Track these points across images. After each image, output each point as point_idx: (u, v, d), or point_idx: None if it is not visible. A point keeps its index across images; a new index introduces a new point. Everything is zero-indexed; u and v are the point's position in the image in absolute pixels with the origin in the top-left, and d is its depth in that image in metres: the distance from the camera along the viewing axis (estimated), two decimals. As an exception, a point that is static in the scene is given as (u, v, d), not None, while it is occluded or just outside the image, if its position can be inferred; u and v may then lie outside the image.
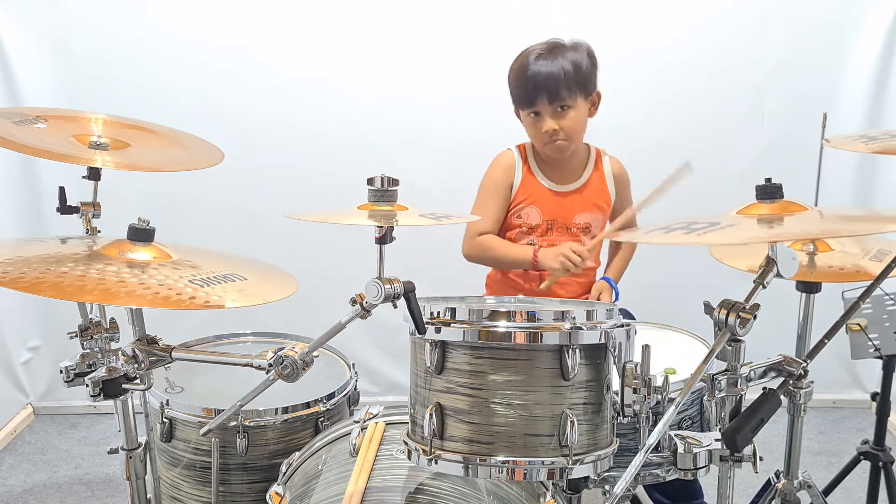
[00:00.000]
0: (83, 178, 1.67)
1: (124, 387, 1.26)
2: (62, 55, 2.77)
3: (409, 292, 1.16)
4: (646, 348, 1.20)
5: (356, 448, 1.39)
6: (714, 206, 1.34)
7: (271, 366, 1.22)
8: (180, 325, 2.36)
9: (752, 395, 1.26)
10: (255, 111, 2.84)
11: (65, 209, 1.69)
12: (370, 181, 1.23)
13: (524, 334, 1.14)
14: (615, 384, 1.21)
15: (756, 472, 1.26)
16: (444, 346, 1.17)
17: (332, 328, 1.22)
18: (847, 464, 2.03)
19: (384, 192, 1.23)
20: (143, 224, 1.29)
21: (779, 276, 1.24)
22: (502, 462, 1.14)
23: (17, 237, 2.65)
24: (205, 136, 1.81)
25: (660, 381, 1.20)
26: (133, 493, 1.42)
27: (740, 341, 1.23)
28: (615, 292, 2.13)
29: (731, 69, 2.84)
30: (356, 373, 1.87)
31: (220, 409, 1.41)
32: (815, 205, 1.70)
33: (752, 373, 1.29)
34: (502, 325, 1.15)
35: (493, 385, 1.15)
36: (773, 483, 1.79)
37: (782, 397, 1.28)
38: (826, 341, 1.32)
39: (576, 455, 1.15)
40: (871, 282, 1.35)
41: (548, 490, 1.38)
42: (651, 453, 1.17)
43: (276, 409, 1.66)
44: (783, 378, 1.36)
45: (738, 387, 1.25)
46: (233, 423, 1.61)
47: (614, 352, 1.19)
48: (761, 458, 1.24)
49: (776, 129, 2.89)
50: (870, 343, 1.85)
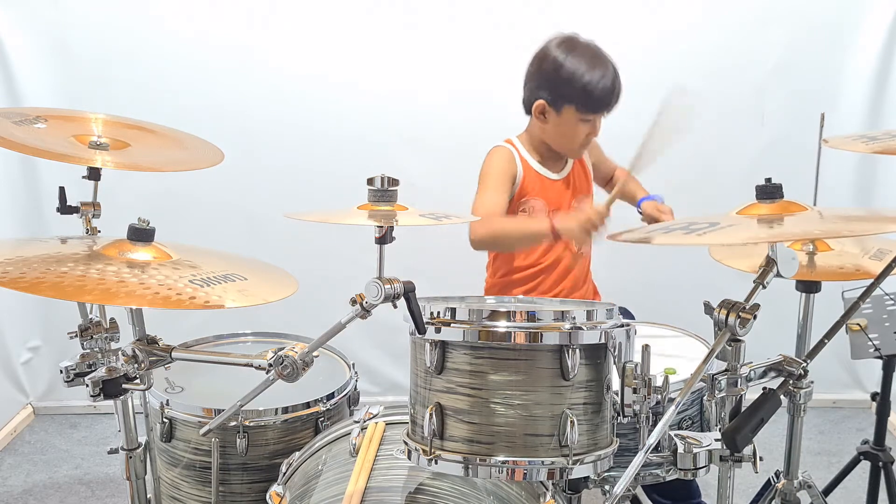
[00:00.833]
0: (83, 178, 1.67)
1: (124, 387, 1.26)
2: (62, 55, 2.77)
3: (409, 292, 1.16)
4: (646, 348, 1.20)
5: (356, 448, 1.39)
6: (714, 206, 1.34)
7: (271, 366, 1.22)
8: (180, 325, 2.36)
9: (752, 395, 1.26)
10: (255, 111, 2.84)
11: (65, 209, 1.69)
12: (370, 181, 1.23)
13: (524, 334, 1.14)
14: (615, 384, 1.21)
15: (756, 472, 1.26)
16: (444, 346, 1.17)
17: (332, 328, 1.22)
18: (847, 464, 2.03)
19: (384, 192, 1.23)
20: (143, 224, 1.29)
21: (779, 276, 1.24)
22: (502, 462, 1.14)
23: (17, 237, 2.66)
24: (205, 136, 1.81)
25: (660, 381, 1.20)
26: (133, 493, 1.42)
27: (740, 341, 1.23)
28: (657, 197, 2.11)
29: (731, 69, 2.84)
30: (356, 373, 1.87)
31: (220, 409, 1.41)
32: (815, 205, 1.70)
33: (752, 373, 1.29)
34: (502, 325, 1.15)
35: (493, 385, 1.15)
36: (773, 483, 1.79)
37: (782, 397, 1.28)
38: (826, 341, 1.32)
39: (576, 455, 1.15)
40: (871, 282, 1.35)
41: (548, 490, 1.38)
42: (651, 453, 1.17)
43: (276, 409, 1.66)
44: (783, 378, 1.36)
45: (738, 387, 1.25)
46: (233, 423, 1.61)
47: (614, 352, 1.19)
48: (761, 458, 1.24)
49: (776, 129, 2.89)
50: (870, 343, 1.85)
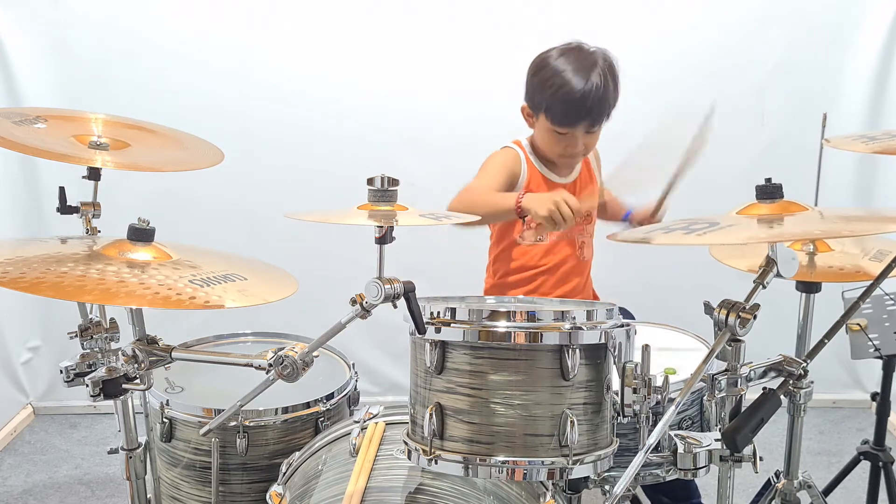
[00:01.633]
0: (83, 178, 1.67)
1: (124, 387, 1.26)
2: (62, 55, 2.77)
3: (409, 292, 1.16)
4: (646, 348, 1.20)
5: (356, 448, 1.39)
6: (714, 206, 1.34)
7: (271, 366, 1.22)
8: (180, 325, 2.36)
9: (752, 395, 1.26)
10: (255, 111, 2.84)
11: (65, 209, 1.69)
12: (370, 181, 1.23)
13: (524, 334, 1.14)
14: (615, 384, 1.21)
15: (756, 472, 1.26)
16: (444, 346, 1.17)
17: (332, 328, 1.22)
18: (847, 464, 2.03)
19: (384, 192, 1.23)
20: (143, 224, 1.29)
21: (779, 276, 1.24)
22: (502, 462, 1.14)
23: (17, 237, 2.66)
24: (205, 136, 1.81)
25: (660, 381, 1.20)
26: (133, 493, 1.42)
27: (740, 341, 1.23)
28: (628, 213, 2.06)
29: (731, 69, 2.84)
30: (356, 373, 1.87)
31: (220, 409, 1.41)
32: (815, 205, 1.70)
33: (752, 373, 1.29)
34: (502, 325, 1.15)
35: (493, 385, 1.15)
36: (773, 483, 1.79)
37: (782, 397, 1.28)
38: (826, 341, 1.32)
39: (576, 455, 1.15)
40: (871, 282, 1.35)
41: (548, 490, 1.38)
42: (651, 453, 1.17)
43: (276, 409, 1.66)
44: (783, 378, 1.36)
45: (738, 387, 1.25)
46: (233, 423, 1.61)
47: (614, 352, 1.19)
48: (761, 458, 1.24)
49: (776, 129, 2.89)
50: (870, 343, 1.85)
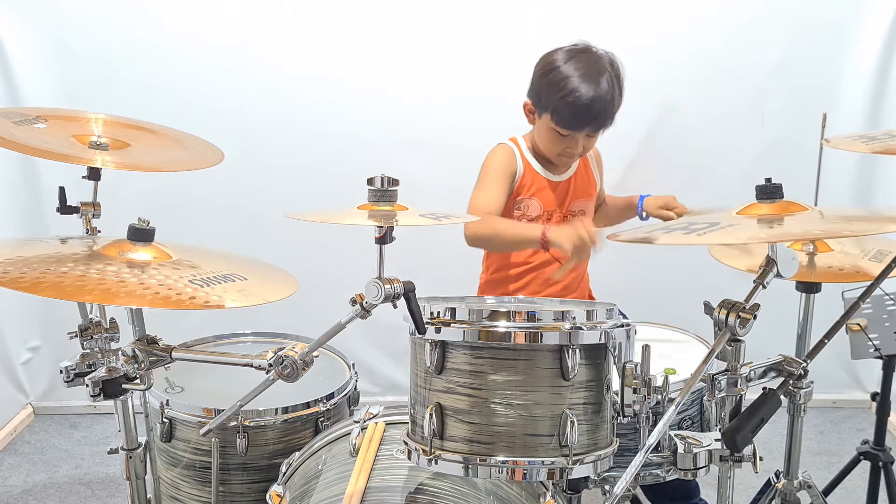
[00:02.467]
0: (83, 178, 1.67)
1: (124, 387, 1.26)
2: (62, 55, 2.77)
3: (409, 292, 1.16)
4: (646, 348, 1.20)
5: (356, 448, 1.39)
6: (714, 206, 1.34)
7: (271, 366, 1.22)
8: (180, 325, 2.36)
9: (752, 395, 1.25)
10: (255, 111, 2.84)
11: (65, 209, 1.69)
12: (370, 181, 1.23)
13: (524, 334, 1.14)
14: (615, 384, 1.21)
15: (756, 472, 1.26)
16: (444, 346, 1.17)
17: (332, 328, 1.22)
18: (847, 464, 2.03)
19: (384, 192, 1.23)
20: (143, 224, 1.29)
21: (779, 276, 1.24)
22: (502, 462, 1.14)
23: (17, 237, 2.66)
24: (205, 136, 1.81)
25: (660, 381, 1.20)
26: (133, 493, 1.42)
27: (740, 341, 1.23)
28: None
29: (731, 69, 2.84)
30: (356, 373, 1.87)
31: (220, 409, 1.41)
32: (815, 205, 1.70)
33: (752, 373, 1.29)
34: (502, 325, 1.15)
35: (493, 385, 1.15)
36: (773, 483, 1.79)
37: (782, 397, 1.28)
38: (826, 341, 1.32)
39: (576, 455, 1.15)
40: (871, 282, 1.35)
41: (548, 490, 1.38)
42: (651, 453, 1.17)
43: (276, 409, 1.66)
44: (783, 378, 1.36)
45: (738, 387, 1.25)
46: (233, 423, 1.61)
47: (614, 352, 1.19)
48: (761, 458, 1.24)
49: (776, 129, 2.88)
50: (870, 343, 1.85)
